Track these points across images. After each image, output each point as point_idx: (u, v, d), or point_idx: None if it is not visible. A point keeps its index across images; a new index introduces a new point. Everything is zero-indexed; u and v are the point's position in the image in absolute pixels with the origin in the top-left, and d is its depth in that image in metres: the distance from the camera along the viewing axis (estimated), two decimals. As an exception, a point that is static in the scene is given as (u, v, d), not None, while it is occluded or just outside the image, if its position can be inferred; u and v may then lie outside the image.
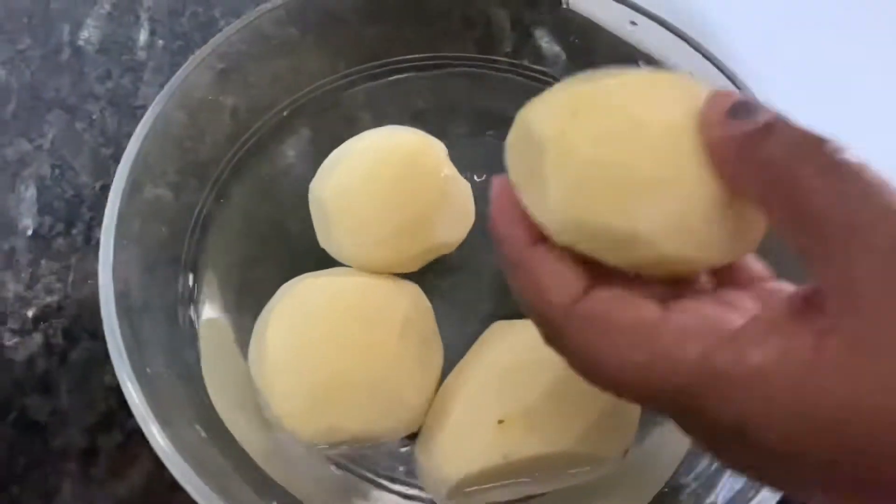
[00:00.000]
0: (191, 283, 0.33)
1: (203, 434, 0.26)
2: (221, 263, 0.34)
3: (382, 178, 0.31)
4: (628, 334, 0.19)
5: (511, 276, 0.21)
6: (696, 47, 0.32)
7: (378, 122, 0.38)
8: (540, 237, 0.21)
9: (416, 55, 0.39)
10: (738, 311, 0.19)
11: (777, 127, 0.17)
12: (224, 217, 0.35)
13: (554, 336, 0.21)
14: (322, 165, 0.33)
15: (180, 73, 0.35)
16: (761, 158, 0.17)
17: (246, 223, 0.35)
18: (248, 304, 0.32)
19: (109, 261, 0.28)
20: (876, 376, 0.15)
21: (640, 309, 0.19)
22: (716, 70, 0.32)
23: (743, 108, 0.18)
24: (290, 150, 0.38)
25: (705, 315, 0.18)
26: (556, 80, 0.37)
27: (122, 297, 0.28)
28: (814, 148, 0.17)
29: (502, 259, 0.22)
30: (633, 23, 0.33)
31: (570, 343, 0.20)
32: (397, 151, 0.32)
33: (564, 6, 0.38)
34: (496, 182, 0.22)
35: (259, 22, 0.36)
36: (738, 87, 0.31)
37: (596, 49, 0.38)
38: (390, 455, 0.30)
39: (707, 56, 0.32)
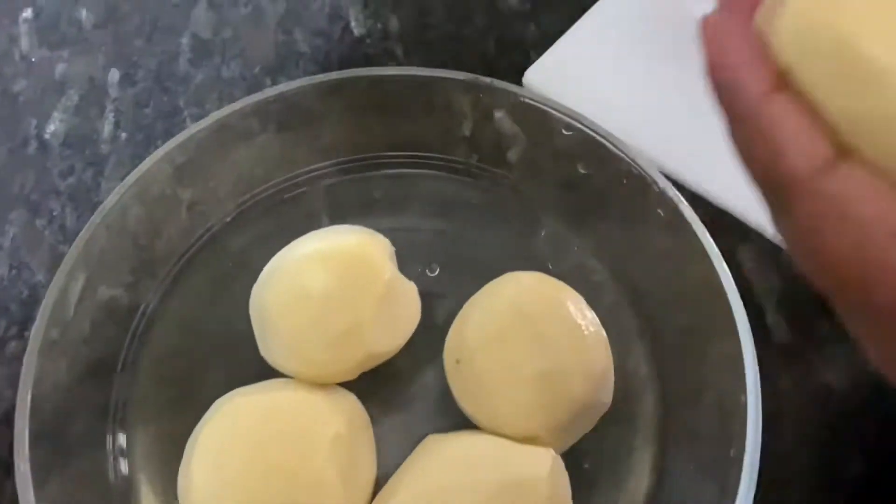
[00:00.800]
0: (124, 395, 0.33)
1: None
2: (163, 369, 0.34)
3: (318, 287, 0.31)
4: (867, 230, 0.16)
5: (736, 131, 0.18)
6: (621, 149, 0.32)
7: (335, 216, 0.38)
8: (779, 84, 0.17)
9: (377, 153, 0.39)
10: None
11: None
12: (169, 318, 0.35)
13: (778, 208, 0.18)
14: (263, 271, 0.33)
15: (135, 173, 0.35)
16: None
17: (192, 324, 0.35)
18: (187, 415, 0.32)
19: (30, 382, 0.28)
20: None
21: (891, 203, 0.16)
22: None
23: None
24: (245, 247, 0.38)
25: None
26: (511, 180, 0.37)
27: (40, 416, 0.28)
28: None
29: (724, 109, 0.18)
30: (568, 129, 0.33)
31: (796, 220, 0.17)
32: (336, 256, 0.32)
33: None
34: (713, 18, 0.18)
35: (223, 119, 0.37)
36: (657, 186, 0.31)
37: (553, 130, 0.38)
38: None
39: (630, 157, 0.32)
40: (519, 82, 0.44)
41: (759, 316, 0.38)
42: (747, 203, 0.40)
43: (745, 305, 0.38)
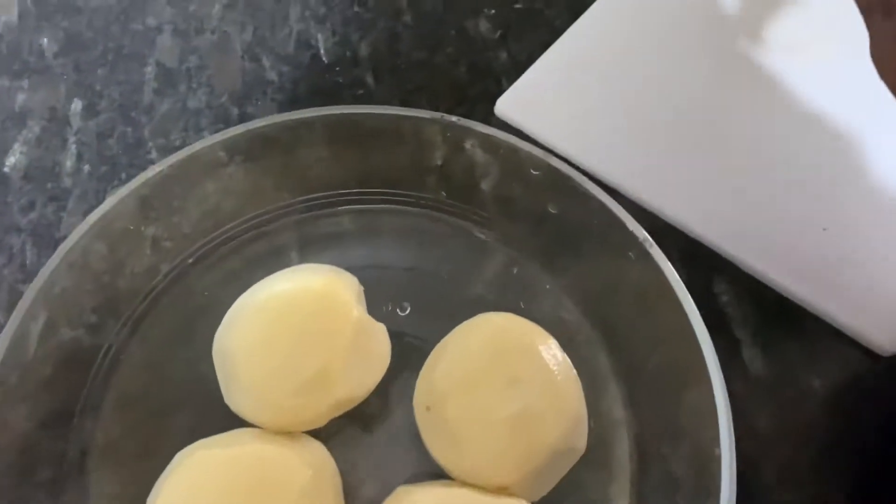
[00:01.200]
0: (84, 444, 0.32)
1: None
2: (125, 416, 0.33)
3: (283, 332, 0.30)
4: None
5: None
6: (590, 189, 0.31)
7: (304, 253, 0.37)
8: None
9: (347, 190, 0.38)
10: None
11: None
12: (133, 361, 0.34)
13: (883, 14, 0.21)
14: (226, 315, 0.32)
15: (98, 210, 0.34)
16: None
17: (157, 368, 0.34)
18: (149, 465, 0.30)
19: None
20: None
21: None
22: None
23: None
24: (212, 285, 0.37)
25: None
26: (482, 217, 0.37)
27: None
28: None
29: None
30: (536, 168, 0.33)
31: None
32: (301, 299, 0.31)
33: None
34: None
35: (190, 156, 0.36)
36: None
37: (522, 168, 0.37)
38: None
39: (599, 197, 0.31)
40: (491, 110, 0.44)
41: (736, 349, 0.37)
42: (723, 233, 0.40)
43: (721, 338, 0.37)
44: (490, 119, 0.44)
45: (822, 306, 0.38)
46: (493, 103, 0.44)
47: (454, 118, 0.35)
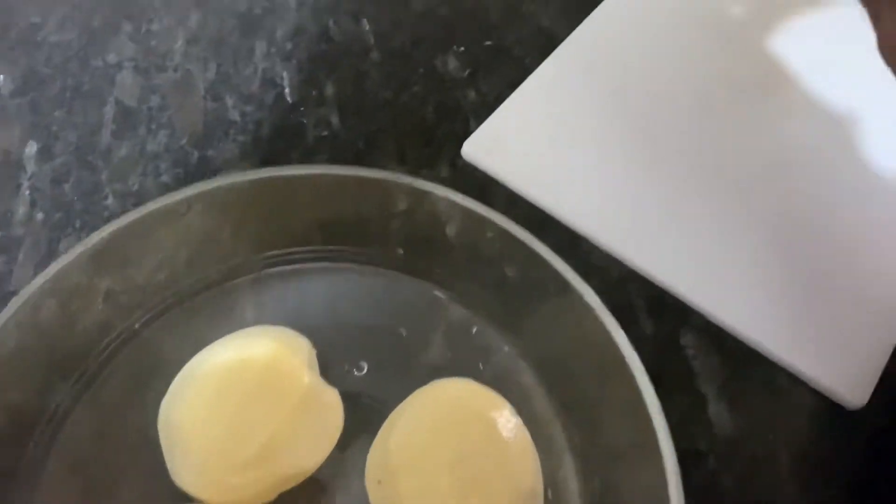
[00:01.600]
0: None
1: None
2: (66, 486, 0.32)
3: (227, 404, 0.29)
4: None
5: None
6: (545, 255, 0.31)
7: (259, 313, 0.36)
8: None
9: (304, 247, 0.37)
10: None
11: None
12: (79, 426, 0.33)
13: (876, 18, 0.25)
14: (171, 385, 0.31)
15: (50, 269, 0.33)
16: None
17: (104, 433, 0.33)
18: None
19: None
20: None
21: None
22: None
23: None
24: (164, 345, 0.36)
25: None
26: (442, 276, 0.36)
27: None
28: None
29: None
30: (492, 230, 0.32)
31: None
32: (247, 368, 0.30)
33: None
34: None
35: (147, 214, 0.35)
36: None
37: (494, 202, 0.37)
38: None
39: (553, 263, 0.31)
40: (458, 152, 0.43)
41: (702, 405, 0.36)
42: (690, 283, 0.39)
43: (686, 394, 0.37)
44: (457, 161, 0.43)
45: (788, 359, 0.37)
46: (461, 144, 0.43)
47: (408, 179, 0.33)
